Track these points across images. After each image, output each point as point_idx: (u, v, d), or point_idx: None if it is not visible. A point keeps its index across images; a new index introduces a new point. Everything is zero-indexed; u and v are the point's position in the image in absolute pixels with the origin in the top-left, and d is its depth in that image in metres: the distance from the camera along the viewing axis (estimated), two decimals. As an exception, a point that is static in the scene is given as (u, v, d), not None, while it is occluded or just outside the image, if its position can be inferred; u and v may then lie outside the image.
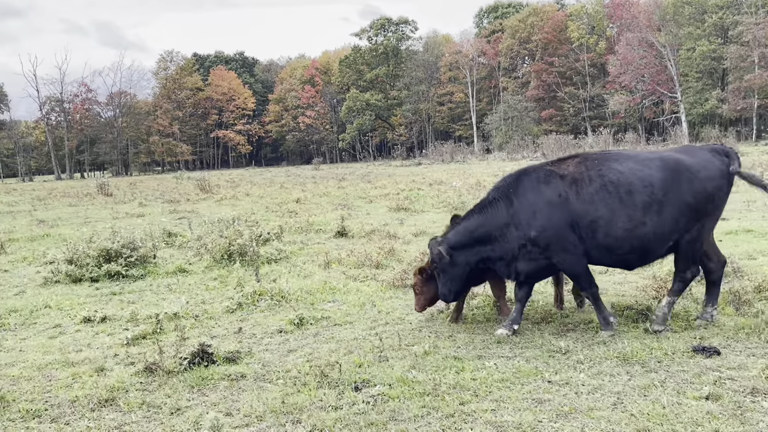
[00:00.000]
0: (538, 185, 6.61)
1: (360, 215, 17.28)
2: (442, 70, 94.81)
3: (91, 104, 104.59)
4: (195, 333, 7.31)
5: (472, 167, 42.29)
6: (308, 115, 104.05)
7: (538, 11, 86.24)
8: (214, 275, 10.33)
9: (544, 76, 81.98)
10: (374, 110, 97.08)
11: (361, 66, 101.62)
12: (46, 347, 7.07)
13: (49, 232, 16.51)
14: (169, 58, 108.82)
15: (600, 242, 6.38)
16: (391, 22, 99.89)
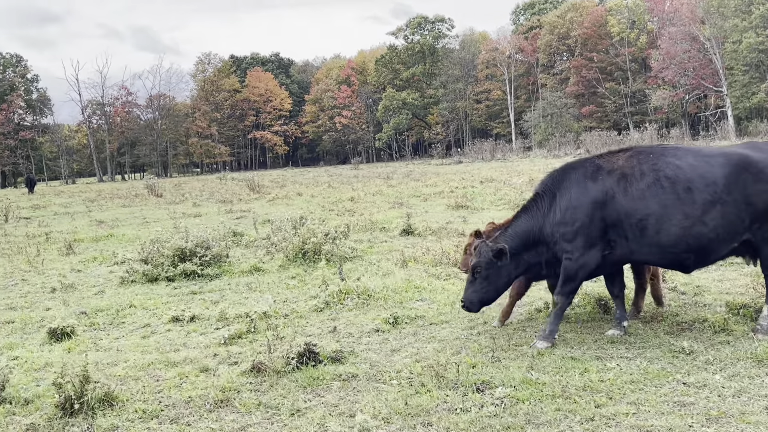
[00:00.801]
0: (585, 180, 6.31)
1: (419, 213, 17.08)
2: (479, 67, 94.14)
3: (131, 107, 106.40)
4: (289, 332, 7.19)
5: (518, 164, 41.82)
6: (344, 115, 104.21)
7: (577, 6, 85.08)
8: (292, 274, 10.24)
9: (584, 72, 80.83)
10: (411, 109, 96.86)
11: (397, 65, 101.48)
12: (142, 347, 7.03)
13: (112, 232, 16.67)
14: (207, 61, 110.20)
15: (651, 240, 6.04)
16: (428, 21, 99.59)
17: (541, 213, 6.43)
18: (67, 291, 10.25)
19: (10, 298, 9.93)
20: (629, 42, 78.17)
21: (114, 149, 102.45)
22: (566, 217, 6.25)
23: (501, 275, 6.35)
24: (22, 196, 44.19)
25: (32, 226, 20.01)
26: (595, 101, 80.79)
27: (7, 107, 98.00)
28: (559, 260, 6.37)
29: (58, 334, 7.48)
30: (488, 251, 6.27)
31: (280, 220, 13.28)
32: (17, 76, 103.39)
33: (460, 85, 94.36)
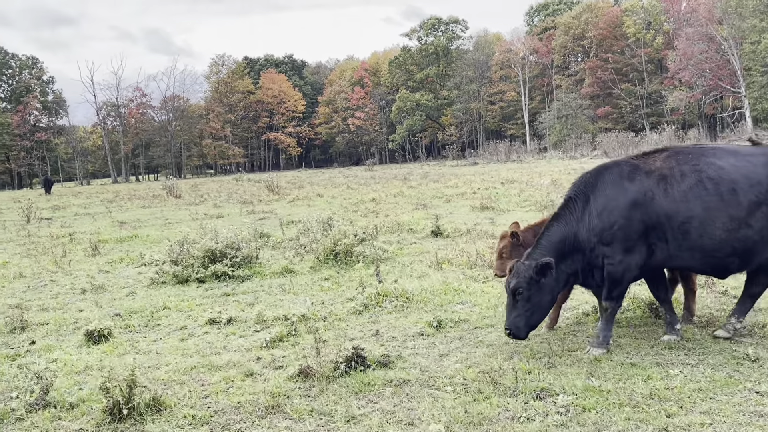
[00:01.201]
0: (621, 181, 6.05)
1: (443, 214, 16.88)
2: (494, 68, 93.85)
3: (146, 109, 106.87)
4: (330, 335, 7.03)
5: (535, 166, 41.53)
6: (358, 116, 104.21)
7: (593, 7, 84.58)
8: (324, 275, 10.09)
9: (600, 73, 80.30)
10: (424, 110, 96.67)
11: (411, 66, 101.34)
12: (182, 350, 6.89)
13: (136, 233, 16.59)
14: (221, 62, 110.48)
15: (694, 244, 5.82)
16: (442, 22, 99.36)
17: (575, 218, 6.11)
18: (97, 292, 10.16)
19: (42, 299, 9.84)
20: (645, 43, 77.61)
21: (128, 150, 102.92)
22: (603, 219, 5.99)
23: (544, 293, 5.91)
24: (39, 197, 44.36)
25: (55, 227, 19.99)
26: (611, 102, 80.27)
27: (23, 109, 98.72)
28: (594, 267, 6.12)
29: (96, 336, 7.37)
30: (528, 270, 5.84)
31: (307, 221, 13.12)
32: (33, 77, 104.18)
33: (474, 87, 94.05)
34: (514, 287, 5.87)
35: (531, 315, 5.89)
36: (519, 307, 5.87)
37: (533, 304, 5.87)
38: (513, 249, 6.92)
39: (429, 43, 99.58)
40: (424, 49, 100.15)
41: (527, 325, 5.90)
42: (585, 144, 64.61)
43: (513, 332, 5.88)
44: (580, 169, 31.02)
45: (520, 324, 5.86)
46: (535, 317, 5.96)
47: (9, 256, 14.45)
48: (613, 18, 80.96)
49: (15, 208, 32.42)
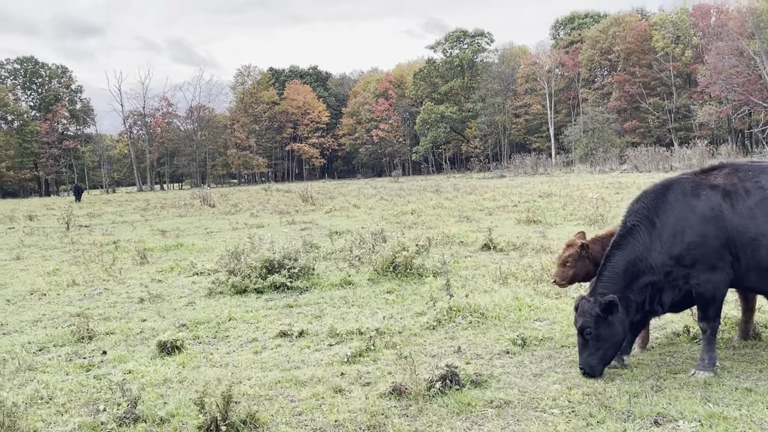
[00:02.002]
0: (685, 198, 5.80)
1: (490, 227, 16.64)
2: (519, 81, 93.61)
3: (172, 118, 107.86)
4: (410, 351, 6.82)
5: (566, 179, 41.09)
6: (382, 128, 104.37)
7: (620, 21, 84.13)
8: (386, 288, 9.88)
9: (627, 87, 79.74)
10: (449, 122, 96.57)
11: (436, 79, 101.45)
12: (260, 363, 6.72)
13: (180, 242, 16.53)
14: (246, 73, 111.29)
15: (762, 263, 5.56)
16: (467, 35, 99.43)
17: (640, 244, 5.81)
18: (155, 301, 10.05)
19: (101, 308, 9.75)
20: (674, 57, 76.95)
21: (154, 159, 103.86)
22: (677, 241, 5.73)
23: (614, 328, 5.62)
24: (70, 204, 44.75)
25: (96, 234, 20.03)
26: (638, 116, 79.63)
27: (52, 117, 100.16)
28: (667, 289, 5.84)
29: (168, 347, 7.22)
30: (593, 308, 5.59)
31: (360, 232, 12.96)
32: (62, 86, 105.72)
33: (499, 99, 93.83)
34: (581, 327, 5.67)
35: (604, 352, 5.69)
36: (590, 346, 5.67)
37: (604, 341, 5.65)
38: (579, 259, 6.67)
39: (454, 56, 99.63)
40: (449, 61, 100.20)
41: (601, 362, 5.70)
42: (612, 158, 64.06)
43: (587, 372, 5.69)
44: (616, 184, 30.71)
45: (593, 363, 5.67)
46: (609, 353, 5.73)
47: (57, 263, 14.44)
48: (641, 32, 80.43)
49: (49, 214, 32.73)
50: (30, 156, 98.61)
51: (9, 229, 24.14)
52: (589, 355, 5.66)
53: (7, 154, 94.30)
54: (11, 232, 22.88)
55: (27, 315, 9.52)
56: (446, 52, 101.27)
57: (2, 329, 8.79)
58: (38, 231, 22.16)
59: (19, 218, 30.20)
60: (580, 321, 5.68)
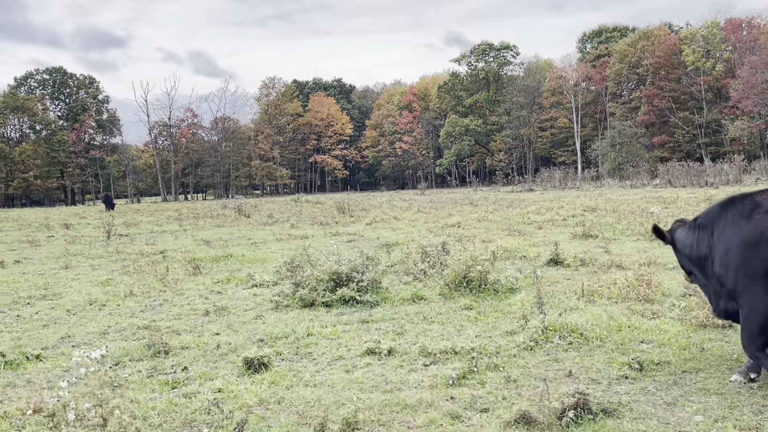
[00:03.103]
0: (740, 220, 5.61)
1: (545, 242, 16.16)
2: (545, 95, 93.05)
3: (197, 129, 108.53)
4: (516, 374, 6.37)
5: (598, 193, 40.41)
6: (405, 140, 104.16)
7: (649, 35, 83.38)
8: (461, 304, 9.43)
9: (656, 101, 78.86)
10: (473, 135, 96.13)
11: (460, 91, 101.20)
12: (357, 383, 6.30)
13: (230, 252, 16.20)
14: (271, 84, 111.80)
15: None
16: (492, 48, 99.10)
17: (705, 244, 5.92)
18: (221, 314, 9.69)
19: (167, 320, 9.40)
20: (704, 71, 75.99)
21: (179, 169, 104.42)
22: (723, 260, 5.68)
23: None
24: (101, 213, 44.86)
25: (138, 244, 19.79)
26: (667, 131, 78.66)
27: (79, 127, 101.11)
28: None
29: (255, 364, 6.83)
30: None
31: (420, 245, 12.53)
32: (89, 96, 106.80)
33: (524, 113, 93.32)
34: None
35: None
36: None
37: None
38: None
39: (479, 69, 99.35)
40: (473, 74, 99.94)
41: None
42: (642, 173, 63.16)
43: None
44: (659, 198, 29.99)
45: None
46: None
47: (107, 273, 14.17)
48: (671, 46, 79.59)
49: (83, 223, 32.70)
50: (57, 165, 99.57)
51: (48, 237, 24.03)
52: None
53: (35, 163, 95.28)
54: (51, 240, 22.75)
55: (91, 327, 9.20)
56: (471, 65, 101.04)
57: (70, 341, 8.47)
58: (79, 239, 22.00)
59: (55, 227, 30.16)
60: None
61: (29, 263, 16.31)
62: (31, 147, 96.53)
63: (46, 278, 13.63)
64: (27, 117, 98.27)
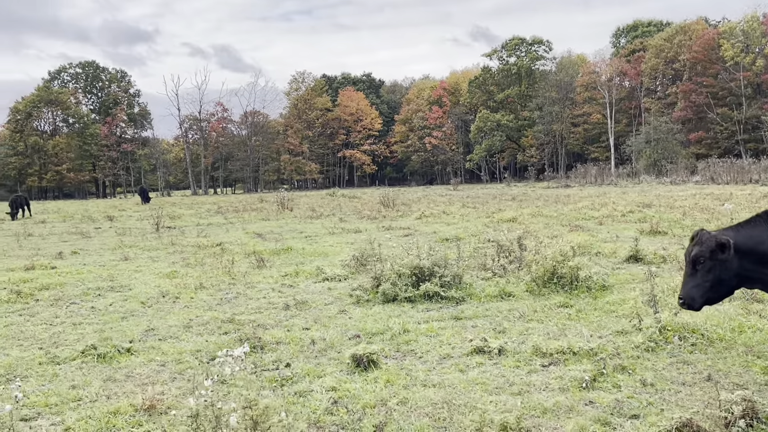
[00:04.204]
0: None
1: (610, 238, 15.64)
2: (578, 90, 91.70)
3: (227, 123, 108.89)
4: (650, 377, 5.94)
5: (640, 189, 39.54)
6: (435, 135, 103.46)
7: (686, 29, 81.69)
8: (555, 302, 9.00)
9: (693, 97, 77.19)
10: (504, 131, 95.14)
11: (491, 86, 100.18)
12: (479, 384, 5.92)
13: (290, 246, 15.92)
14: (301, 79, 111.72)
15: None
16: (525, 42, 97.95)
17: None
18: (302, 308, 9.38)
19: (247, 314, 9.11)
20: (744, 66, 74.26)
21: (208, 163, 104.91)
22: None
23: (725, 269, 5.54)
24: (138, 206, 45.03)
25: (190, 236, 19.62)
26: (704, 127, 76.99)
27: (111, 120, 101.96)
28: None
29: (364, 362, 6.48)
30: (711, 240, 5.56)
31: (495, 240, 12.11)
32: (121, 90, 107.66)
33: (557, 108, 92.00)
34: (696, 255, 5.61)
35: (708, 289, 5.60)
36: (698, 276, 5.61)
37: (712, 277, 5.57)
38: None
39: (511, 64, 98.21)
40: (505, 69, 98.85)
41: (702, 297, 5.62)
42: (680, 169, 61.94)
43: (687, 302, 5.64)
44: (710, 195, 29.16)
45: (695, 294, 5.59)
46: (712, 292, 5.65)
47: (168, 265, 13.96)
48: (708, 40, 77.82)
49: (125, 216, 32.73)
50: (89, 158, 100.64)
51: (96, 228, 24.00)
52: (694, 287, 5.59)
53: (68, 156, 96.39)
54: (100, 232, 22.69)
55: (172, 320, 8.94)
56: (503, 59, 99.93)
57: (155, 334, 8.20)
58: (128, 231, 21.90)
59: (99, 219, 30.22)
60: (695, 250, 5.62)
61: (86, 254, 16.19)
62: (64, 140, 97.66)
63: (108, 270, 13.45)
64: (60, 110, 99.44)
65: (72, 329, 8.57)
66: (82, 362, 7.04)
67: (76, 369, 6.84)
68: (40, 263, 14.20)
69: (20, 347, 7.78)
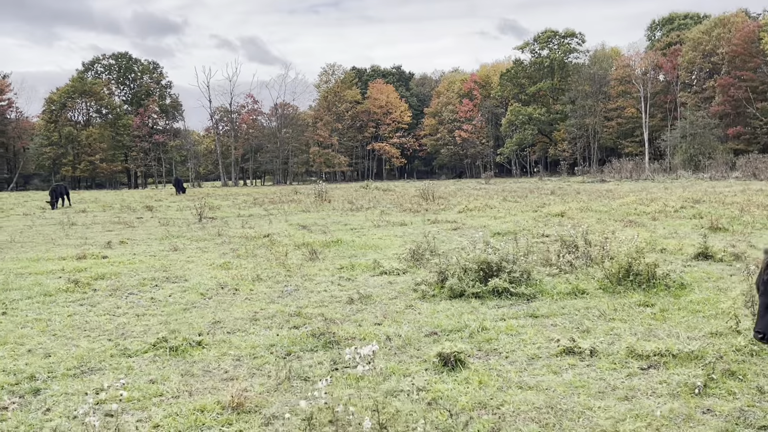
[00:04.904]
0: None
1: (667, 234, 15.14)
2: (612, 83, 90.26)
3: (257, 115, 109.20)
4: (765, 383, 5.54)
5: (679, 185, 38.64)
6: (465, 128, 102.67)
7: (725, 22, 79.80)
8: (634, 300, 8.59)
9: (732, 91, 75.44)
10: (536, 124, 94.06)
11: (523, 79, 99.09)
12: (580, 388, 5.58)
13: (339, 238, 15.67)
14: (331, 71, 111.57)
15: None
16: (557, 35, 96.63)
17: None
18: (367, 302, 9.10)
19: (312, 307, 8.85)
20: (785, 59, 72.39)
21: (239, 155, 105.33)
22: None
23: None
24: (171, 197, 45.22)
25: (234, 227, 19.48)
26: (742, 122, 75.26)
27: (143, 111, 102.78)
28: None
29: (452, 360, 6.18)
30: None
31: (561, 235, 11.72)
32: (153, 81, 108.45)
33: (590, 102, 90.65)
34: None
35: None
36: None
37: None
38: None
39: (543, 57, 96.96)
40: (537, 62, 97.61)
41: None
42: (718, 165, 60.60)
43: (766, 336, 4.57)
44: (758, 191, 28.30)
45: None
46: None
47: (218, 256, 13.78)
48: (749, 33, 75.95)
49: (163, 206, 32.80)
50: (121, 149, 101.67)
51: (138, 218, 24.01)
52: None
53: (101, 147, 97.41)
54: (142, 222, 22.69)
55: (236, 312, 8.72)
56: (535, 52, 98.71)
57: (222, 327, 7.98)
58: (171, 222, 21.85)
59: (138, 208, 30.31)
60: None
61: (134, 244, 16.10)
62: (98, 131, 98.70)
63: (160, 260, 13.31)
64: (94, 101, 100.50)
65: (136, 320, 8.39)
66: (155, 355, 6.84)
67: (149, 362, 6.64)
68: (90, 252, 14.13)
69: (88, 338, 7.61)
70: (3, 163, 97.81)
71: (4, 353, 7.02)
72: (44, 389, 5.91)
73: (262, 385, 5.87)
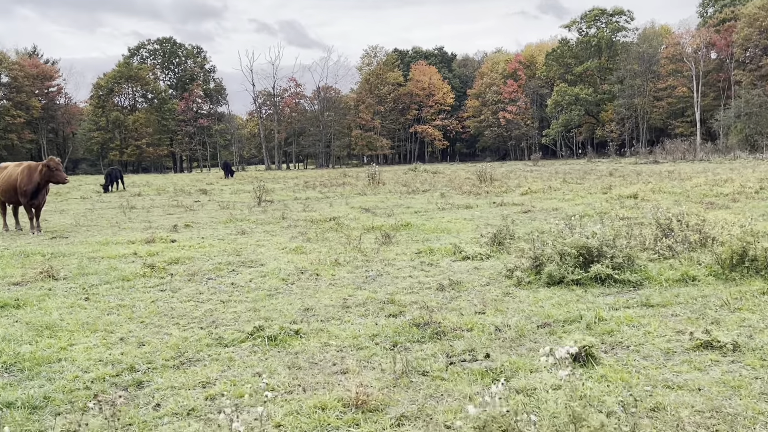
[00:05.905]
0: None
1: (757, 216, 14.25)
2: (662, 62, 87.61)
3: (299, 99, 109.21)
4: None
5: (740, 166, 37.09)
6: (509, 110, 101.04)
7: (785, -5, 76.51)
8: (756, 288, 7.90)
9: (791, 68, 72.56)
10: (583, 105, 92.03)
11: (569, 59, 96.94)
12: (740, 388, 4.99)
13: (408, 221, 15.19)
14: (373, 53, 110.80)
15: None
16: (605, 13, 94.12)
17: None
18: (458, 289, 8.61)
19: (402, 294, 8.40)
20: None
21: (282, 139, 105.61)
22: None
23: None
24: (221, 180, 45.37)
25: (296, 210, 19.17)
26: (802, 100, 72.32)
27: (188, 96, 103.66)
28: None
29: (582, 356, 5.63)
30: None
31: (655, 217, 11.02)
32: (197, 66, 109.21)
33: (639, 81, 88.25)
34: None
35: None
36: None
37: None
38: None
39: (591, 35, 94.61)
40: (584, 41, 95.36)
41: None
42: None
43: None
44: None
45: None
46: None
47: (288, 240, 13.44)
48: (810, 7, 72.80)
49: (216, 189, 32.80)
50: (167, 133, 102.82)
51: (195, 202, 23.92)
52: None
53: (147, 131, 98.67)
54: (200, 205, 22.56)
55: (324, 299, 8.31)
56: (582, 31, 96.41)
57: (314, 315, 7.57)
58: (230, 205, 21.67)
59: (192, 192, 30.32)
60: None
61: (200, 228, 15.89)
62: (144, 115, 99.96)
63: (230, 244, 13.03)
64: (140, 86, 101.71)
65: (223, 307, 8.04)
66: (253, 345, 6.46)
67: (249, 353, 6.25)
68: (159, 236, 13.93)
69: (177, 326, 7.28)
70: (53, 148, 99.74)
71: (96, 342, 6.73)
72: (147, 382, 5.57)
73: (378, 380, 5.42)
